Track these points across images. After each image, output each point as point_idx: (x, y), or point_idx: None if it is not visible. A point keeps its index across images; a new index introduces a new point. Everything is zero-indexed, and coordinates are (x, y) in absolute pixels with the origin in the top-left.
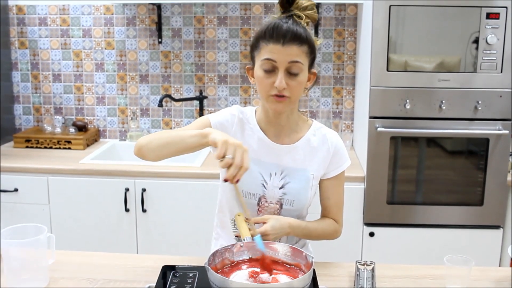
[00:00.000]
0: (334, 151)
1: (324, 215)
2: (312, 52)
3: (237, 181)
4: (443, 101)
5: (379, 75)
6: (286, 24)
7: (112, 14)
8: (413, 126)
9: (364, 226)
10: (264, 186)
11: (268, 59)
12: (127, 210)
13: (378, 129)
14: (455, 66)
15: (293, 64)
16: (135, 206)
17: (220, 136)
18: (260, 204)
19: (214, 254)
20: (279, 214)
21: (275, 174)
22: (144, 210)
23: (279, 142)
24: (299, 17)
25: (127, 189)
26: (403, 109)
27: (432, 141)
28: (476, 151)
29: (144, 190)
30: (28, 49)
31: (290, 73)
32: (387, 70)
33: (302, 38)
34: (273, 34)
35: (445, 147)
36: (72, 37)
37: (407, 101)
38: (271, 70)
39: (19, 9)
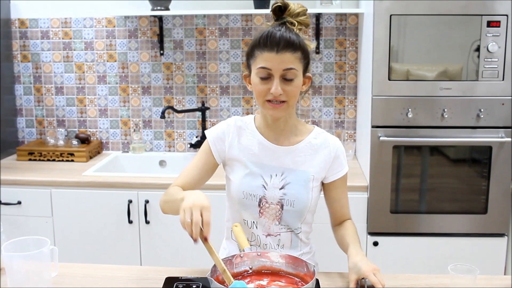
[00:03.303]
0: (336, 154)
1: (338, 217)
2: (305, 58)
3: (205, 239)
4: (445, 110)
5: (381, 84)
6: (279, 32)
7: (114, 26)
8: (415, 134)
9: (368, 236)
10: (265, 187)
11: (263, 67)
12: (130, 222)
13: (381, 138)
14: (457, 74)
15: (288, 71)
16: (138, 218)
17: (184, 203)
18: (261, 205)
19: (215, 266)
20: (280, 215)
21: (276, 175)
22: (147, 222)
23: (279, 144)
24: (291, 23)
25: (130, 201)
26: (405, 118)
27: (435, 150)
28: (479, 159)
29: (147, 201)
30: (30, 62)
31: (285, 79)
32: (389, 79)
33: (296, 44)
34: (267, 42)
35: (448, 155)
36: (74, 50)
37: (409, 109)
38: (267, 78)
39: (22, 22)
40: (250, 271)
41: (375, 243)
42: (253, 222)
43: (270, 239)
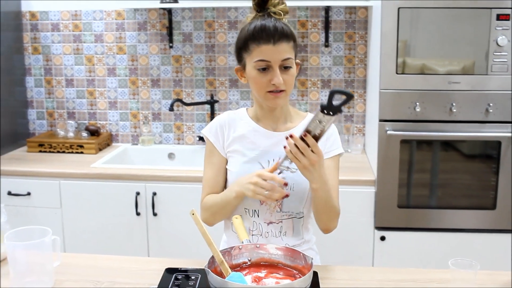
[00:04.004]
0: (328, 135)
1: None
2: (296, 45)
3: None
4: (454, 104)
5: (389, 78)
6: (271, 23)
7: (124, 19)
8: (423, 129)
9: (375, 230)
10: None
11: (262, 60)
12: (138, 214)
13: (388, 132)
14: (466, 68)
15: (285, 61)
16: (146, 210)
17: (244, 189)
18: None
19: (213, 257)
20: (281, 201)
21: (273, 160)
22: (155, 214)
23: (275, 130)
24: (275, 13)
25: (138, 193)
26: (413, 112)
27: (443, 144)
28: (488, 154)
29: (154, 194)
30: (41, 55)
31: (283, 69)
32: (397, 72)
33: (289, 34)
34: (262, 35)
35: (457, 150)
36: (84, 42)
37: (417, 104)
38: (265, 69)
39: (32, 15)
40: (249, 263)
41: (382, 238)
42: (254, 210)
43: (272, 227)
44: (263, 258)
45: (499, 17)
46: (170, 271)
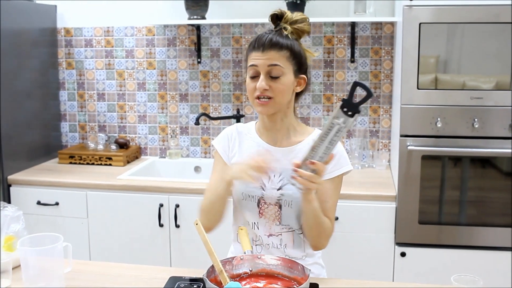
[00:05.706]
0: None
1: None
2: (294, 57)
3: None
4: (476, 119)
5: (410, 93)
6: (267, 34)
7: (154, 35)
8: (444, 144)
9: (396, 246)
10: (263, 189)
11: (251, 65)
12: (161, 225)
13: (409, 147)
14: (489, 84)
15: (273, 68)
16: (168, 221)
17: (234, 173)
18: (260, 206)
19: (213, 266)
20: (279, 216)
21: (274, 176)
22: (177, 226)
23: (277, 146)
24: (285, 29)
25: (161, 205)
26: (434, 127)
27: (465, 160)
28: (509, 170)
29: (177, 206)
30: (74, 70)
31: (272, 76)
32: (418, 88)
33: (281, 44)
34: (255, 44)
35: (483, 166)
36: (115, 57)
37: (438, 119)
38: (256, 76)
39: (67, 31)
40: (249, 273)
41: (403, 254)
42: (254, 223)
43: (272, 239)
44: (264, 269)
45: None
46: (174, 279)
